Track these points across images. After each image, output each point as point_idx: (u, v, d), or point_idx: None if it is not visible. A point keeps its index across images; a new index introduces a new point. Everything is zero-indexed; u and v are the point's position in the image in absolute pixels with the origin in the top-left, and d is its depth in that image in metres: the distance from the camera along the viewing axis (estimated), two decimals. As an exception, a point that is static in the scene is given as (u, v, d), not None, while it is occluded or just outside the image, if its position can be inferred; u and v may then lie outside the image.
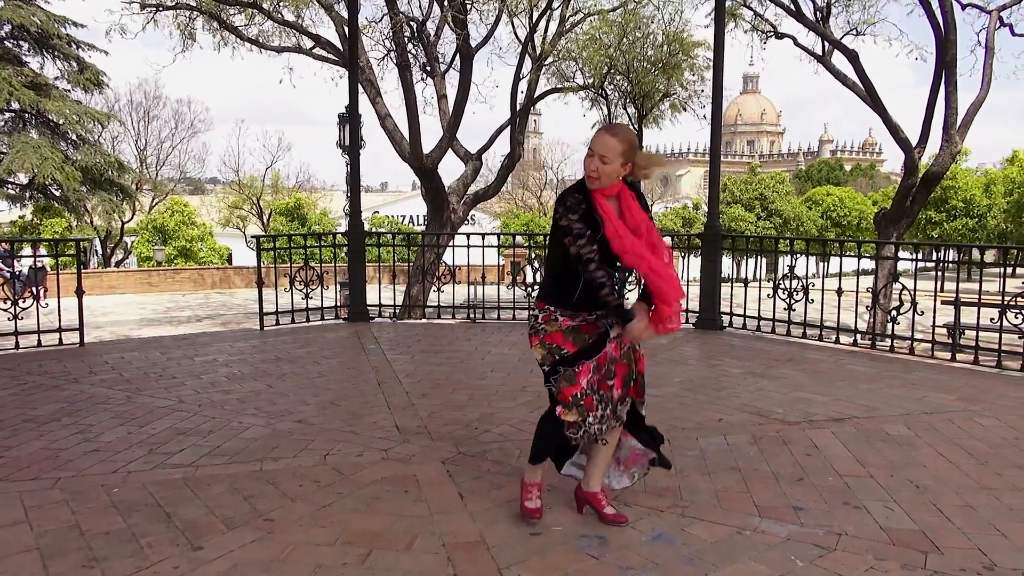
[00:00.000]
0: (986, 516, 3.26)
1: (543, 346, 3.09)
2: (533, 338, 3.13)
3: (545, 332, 3.09)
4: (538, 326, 3.12)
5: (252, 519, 3.21)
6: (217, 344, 7.23)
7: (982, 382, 5.78)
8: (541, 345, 3.09)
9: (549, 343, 3.07)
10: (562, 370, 3.02)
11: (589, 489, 3.24)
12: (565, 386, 3.02)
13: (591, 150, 2.97)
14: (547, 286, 3.16)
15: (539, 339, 3.10)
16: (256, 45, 15.86)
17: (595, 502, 3.23)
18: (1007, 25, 14.03)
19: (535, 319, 3.14)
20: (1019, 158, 38.43)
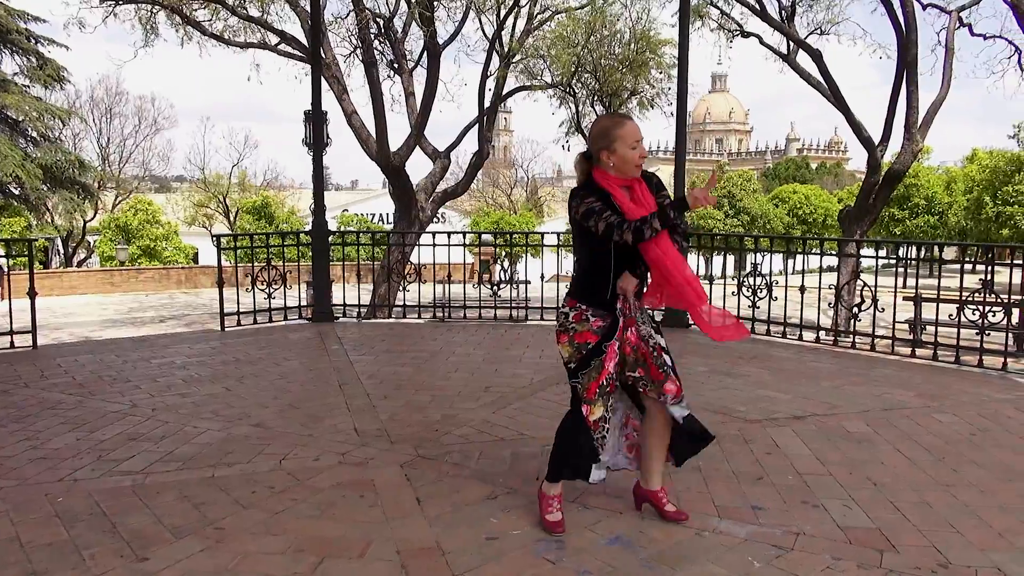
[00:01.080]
0: (942, 513, 3.27)
1: (571, 344, 3.03)
2: (561, 336, 3.06)
3: (576, 331, 3.03)
4: (568, 324, 3.05)
5: (201, 528, 3.11)
6: (176, 346, 7.08)
7: (941, 378, 5.85)
8: (569, 343, 3.03)
9: (579, 342, 3.02)
10: (592, 363, 2.98)
11: (650, 487, 3.17)
12: (592, 380, 2.98)
13: (636, 141, 2.93)
14: (577, 284, 3.09)
15: (568, 337, 3.04)
16: (220, 41, 15.58)
17: (656, 500, 3.17)
18: (966, 25, 14.31)
19: (564, 317, 3.06)
20: (979, 157, 39.21)
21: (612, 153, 2.94)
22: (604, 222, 2.89)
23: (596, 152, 2.99)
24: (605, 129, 2.98)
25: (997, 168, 35.09)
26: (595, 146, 3.00)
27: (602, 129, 3.00)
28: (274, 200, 40.12)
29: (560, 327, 3.09)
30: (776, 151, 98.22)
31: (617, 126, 2.96)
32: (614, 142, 2.93)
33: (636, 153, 2.93)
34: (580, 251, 3.10)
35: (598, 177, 2.99)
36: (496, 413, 4.73)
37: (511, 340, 7.23)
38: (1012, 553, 2.92)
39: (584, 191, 2.97)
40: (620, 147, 2.93)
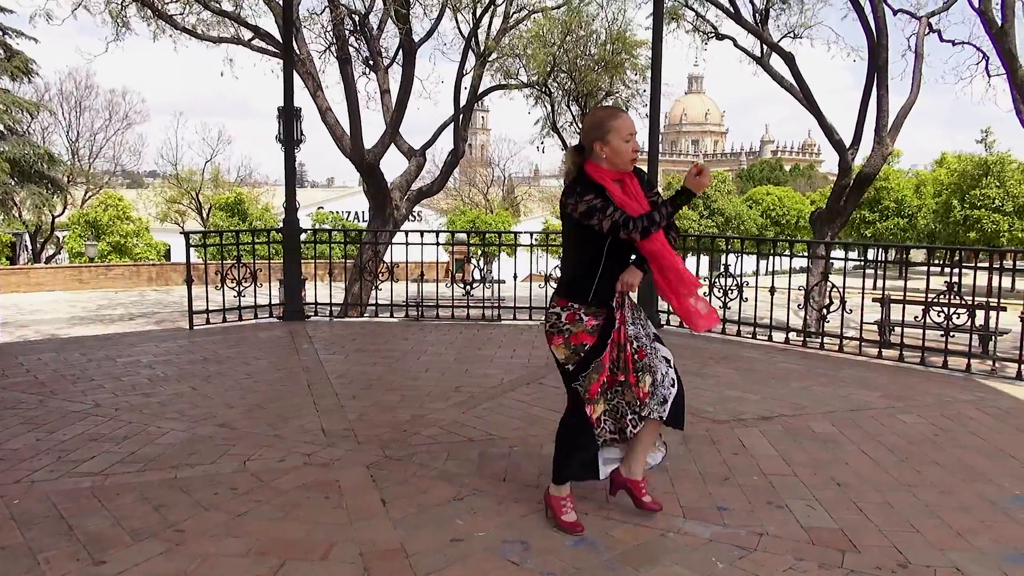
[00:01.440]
0: (903, 514, 3.31)
1: (567, 346, 2.98)
2: (555, 337, 3.00)
3: (571, 332, 2.98)
4: (561, 326, 2.98)
5: (161, 530, 3.06)
6: (142, 344, 6.97)
7: (906, 379, 5.92)
8: (565, 345, 2.98)
9: (575, 344, 2.97)
10: (593, 363, 2.96)
11: (632, 476, 3.15)
12: (593, 381, 2.96)
13: (630, 134, 2.91)
14: (568, 283, 3.03)
15: (563, 339, 2.98)
16: (192, 35, 15.37)
17: (635, 489, 3.16)
18: (936, 31, 14.49)
19: (556, 318, 2.99)
20: (947, 160, 39.87)
21: (606, 144, 2.90)
22: (609, 220, 2.84)
23: (589, 143, 2.94)
24: (600, 120, 2.95)
25: (965, 172, 35.71)
26: (588, 137, 2.95)
27: (597, 120, 2.97)
28: (248, 197, 39.68)
29: (552, 328, 3.02)
30: (751, 153, 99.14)
31: (612, 117, 2.94)
32: (608, 133, 2.90)
33: (630, 146, 2.90)
34: (572, 249, 3.03)
35: (590, 170, 2.93)
36: (465, 413, 4.71)
37: (483, 340, 7.22)
38: (970, 553, 2.96)
39: (581, 188, 2.90)
40: (614, 139, 2.90)
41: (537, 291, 8.57)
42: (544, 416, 4.67)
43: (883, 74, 13.49)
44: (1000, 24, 11.43)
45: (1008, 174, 34.37)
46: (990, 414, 4.90)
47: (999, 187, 34.20)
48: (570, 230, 2.98)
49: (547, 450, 4.02)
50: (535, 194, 57.77)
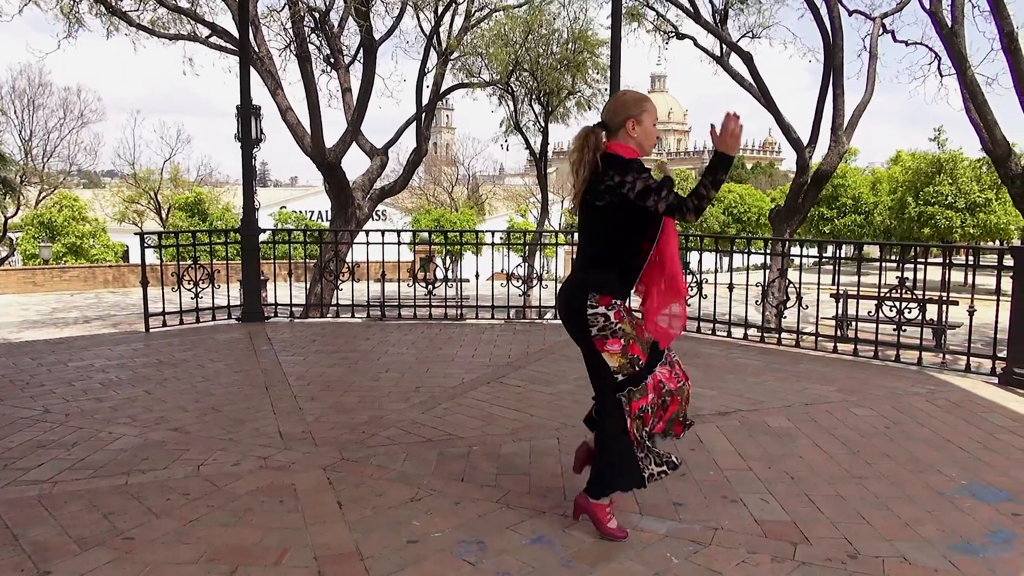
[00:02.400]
0: (854, 505, 3.38)
1: (624, 355, 2.82)
2: (611, 341, 2.81)
3: (626, 336, 2.83)
4: (613, 327, 2.81)
5: (109, 538, 2.99)
6: (95, 348, 6.81)
7: (860, 373, 6.04)
8: (622, 353, 2.82)
9: (633, 354, 2.84)
10: (643, 383, 2.86)
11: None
12: (636, 399, 2.85)
13: (656, 116, 2.87)
14: (606, 274, 2.84)
15: (620, 344, 2.82)
16: (148, 32, 15.07)
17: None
18: (889, 32, 14.82)
19: (605, 319, 2.80)
20: (902, 158, 40.76)
21: (639, 123, 2.84)
22: (664, 201, 2.69)
23: (622, 120, 2.85)
24: (636, 99, 2.90)
25: (919, 170, 36.56)
26: (621, 114, 2.86)
27: (632, 98, 2.90)
28: (208, 197, 39.10)
29: (603, 331, 2.81)
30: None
31: (645, 100, 2.90)
32: (644, 112, 2.85)
33: (656, 130, 2.88)
34: (609, 238, 2.83)
35: (621, 151, 2.82)
36: (425, 413, 4.69)
37: (445, 339, 7.19)
38: (917, 542, 3.03)
39: (636, 166, 2.76)
40: (647, 120, 2.86)
41: (500, 290, 8.58)
42: (503, 415, 4.67)
43: (839, 73, 13.75)
44: (950, 25, 11.69)
45: (960, 172, 35.28)
46: (940, 406, 5.02)
47: (951, 184, 35.08)
48: (608, 217, 2.80)
49: (506, 449, 4.04)
50: (500, 193, 57.79)
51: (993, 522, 3.22)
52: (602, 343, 2.84)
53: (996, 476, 3.75)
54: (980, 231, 35.08)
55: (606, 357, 2.84)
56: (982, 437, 4.36)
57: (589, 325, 2.83)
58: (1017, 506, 3.39)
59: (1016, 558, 2.92)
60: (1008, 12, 10.59)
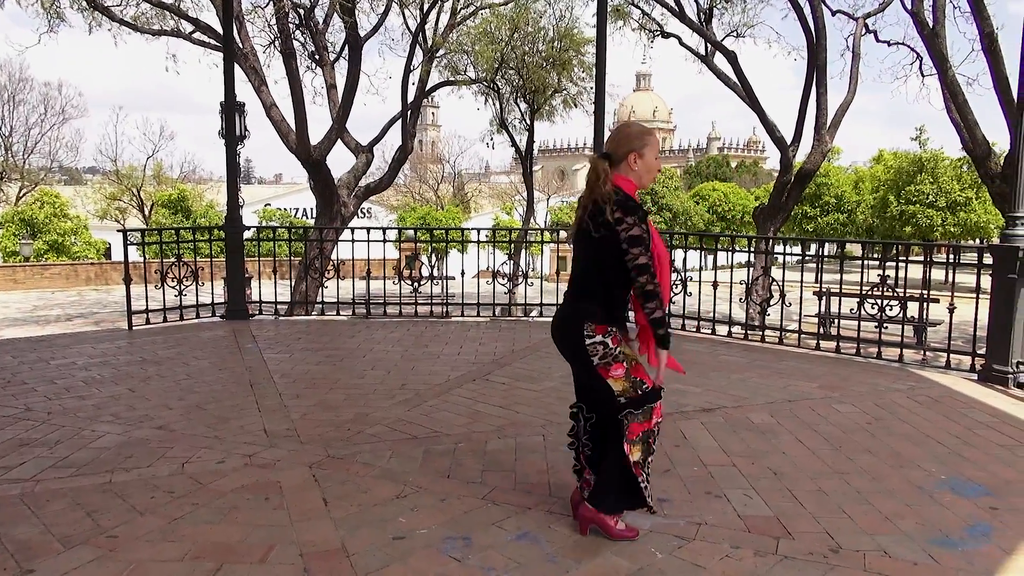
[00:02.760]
0: (836, 500, 3.42)
1: (628, 379, 2.87)
2: (615, 367, 2.85)
3: (627, 359, 2.87)
4: (615, 353, 2.85)
5: (93, 536, 2.98)
6: (78, 346, 6.76)
7: (843, 369, 6.10)
8: (626, 377, 2.86)
9: (636, 377, 2.87)
10: (646, 407, 2.88)
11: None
12: (639, 422, 2.87)
13: (658, 149, 2.89)
14: (598, 304, 2.86)
15: (624, 368, 2.86)
16: (131, 27, 14.92)
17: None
18: (872, 32, 14.93)
19: (604, 347, 2.84)
20: (884, 158, 41.11)
21: (641, 157, 2.86)
22: (645, 258, 2.73)
23: (624, 153, 2.86)
24: (640, 132, 2.90)
25: (901, 169, 36.86)
26: (624, 147, 2.87)
27: (635, 131, 2.91)
28: (191, 193, 38.78)
29: (604, 359, 2.85)
30: (698, 149, 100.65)
31: (649, 133, 2.91)
32: (646, 147, 2.87)
33: (658, 163, 2.90)
34: (606, 268, 2.83)
35: (622, 184, 2.83)
36: (410, 411, 4.69)
37: (431, 337, 7.19)
38: (897, 536, 3.07)
39: (639, 211, 2.77)
40: (649, 153, 2.87)
41: (485, 288, 8.58)
42: (489, 412, 4.68)
43: (822, 73, 13.85)
44: (931, 26, 11.81)
45: (941, 171, 35.60)
46: (920, 402, 5.09)
47: (933, 183, 35.40)
48: (604, 250, 2.81)
49: (491, 446, 4.06)
50: (485, 191, 57.77)
51: (972, 516, 3.28)
52: (606, 371, 2.87)
53: (975, 471, 3.80)
54: (961, 230, 35.44)
55: (611, 383, 2.88)
56: (961, 433, 4.42)
57: (590, 355, 2.87)
58: (995, 500, 3.44)
59: (994, 551, 2.97)
60: (988, 13, 10.72)
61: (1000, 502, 3.42)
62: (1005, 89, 10.32)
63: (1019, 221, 5.58)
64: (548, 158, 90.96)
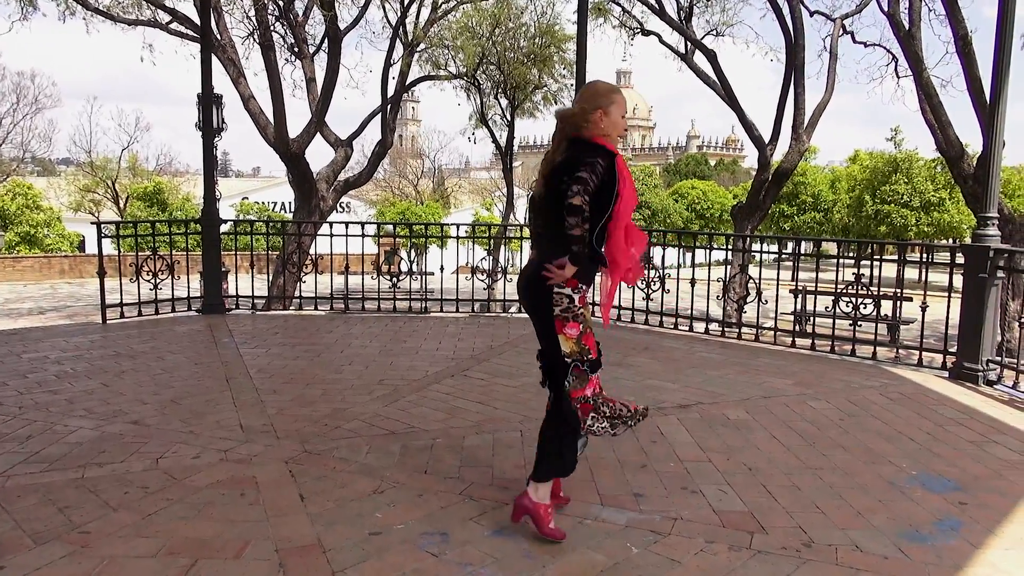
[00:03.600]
0: (809, 495, 3.46)
1: (578, 343, 2.85)
2: (570, 324, 2.83)
3: (585, 324, 2.86)
4: (576, 311, 2.84)
5: (65, 532, 2.94)
6: (50, 339, 6.67)
7: (817, 366, 6.17)
8: (576, 341, 2.85)
9: (586, 345, 2.87)
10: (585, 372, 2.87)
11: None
12: (577, 388, 2.88)
13: (626, 109, 2.91)
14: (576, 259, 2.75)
15: (578, 329, 2.84)
16: (105, 16, 14.70)
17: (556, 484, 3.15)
18: (849, 32, 15.08)
19: (569, 301, 2.82)
20: (860, 157, 41.57)
21: (607, 114, 2.88)
22: (580, 197, 2.65)
23: (589, 110, 2.87)
24: (605, 90, 2.94)
25: (876, 168, 37.30)
26: (589, 104, 2.88)
27: (600, 89, 2.94)
28: (168, 186, 38.33)
29: (565, 313, 2.83)
30: (678, 147, 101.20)
31: (614, 91, 2.94)
32: (612, 104, 2.89)
33: (624, 122, 2.93)
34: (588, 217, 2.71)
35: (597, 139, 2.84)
36: (388, 406, 4.68)
37: (409, 332, 7.17)
38: (868, 530, 3.12)
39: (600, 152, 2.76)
40: (615, 111, 2.90)
41: (464, 283, 8.57)
42: (467, 408, 4.68)
43: (800, 73, 13.97)
44: (907, 28, 11.95)
45: (915, 171, 36.08)
46: (893, 399, 5.16)
47: (907, 183, 35.88)
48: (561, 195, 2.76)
49: (469, 442, 4.06)
50: (466, 186, 57.64)
51: (941, 510, 3.33)
52: (562, 324, 2.86)
53: (945, 466, 3.87)
54: (934, 229, 35.95)
55: (561, 340, 2.87)
56: (932, 429, 4.49)
57: (553, 304, 2.85)
58: (964, 495, 3.51)
59: (962, 545, 3.02)
60: (962, 16, 10.86)
61: (969, 497, 3.49)
62: (978, 91, 10.47)
63: (990, 221, 5.67)
64: (529, 154, 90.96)
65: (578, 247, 2.71)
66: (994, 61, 5.53)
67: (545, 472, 2.96)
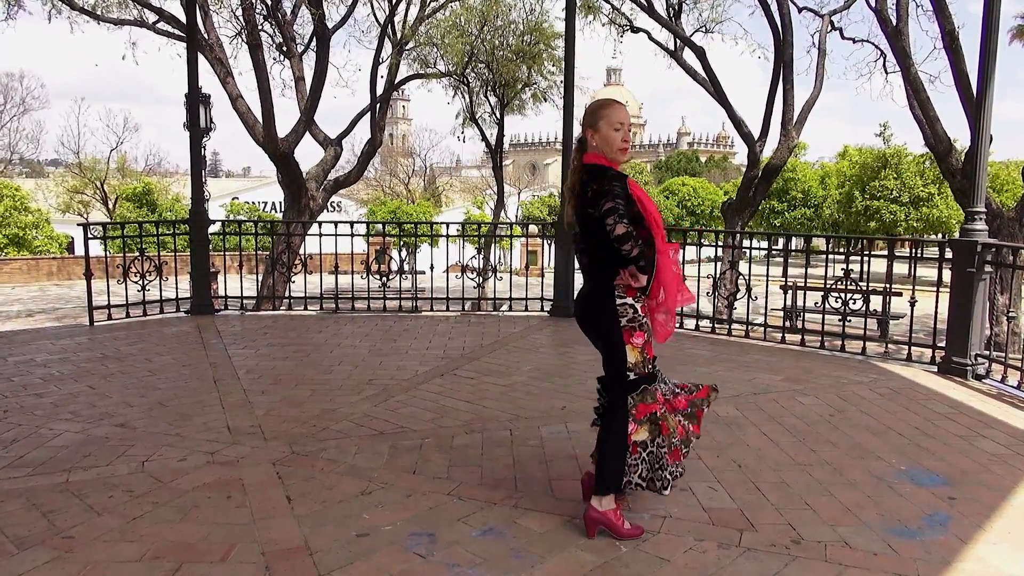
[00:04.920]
0: (798, 492, 3.46)
1: (643, 353, 2.89)
2: (637, 333, 2.87)
3: (648, 331, 2.89)
4: (640, 319, 2.88)
5: (49, 537, 2.91)
6: (37, 342, 6.62)
7: (807, 362, 6.18)
8: (642, 350, 2.89)
9: (648, 356, 2.91)
10: (650, 386, 2.91)
11: None
12: (648, 401, 2.90)
13: (620, 123, 2.88)
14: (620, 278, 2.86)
15: (643, 339, 2.88)
16: (92, 16, 14.59)
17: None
18: (837, 28, 15.11)
19: (633, 311, 2.86)
20: (849, 153, 41.74)
21: (596, 132, 2.90)
22: (622, 225, 2.71)
23: (584, 132, 2.94)
24: (592, 109, 2.96)
25: (866, 164, 37.47)
26: (583, 124, 2.95)
27: (591, 108, 2.97)
28: (157, 187, 38.16)
29: (632, 322, 2.86)
30: (668, 144, 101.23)
31: (604, 107, 2.94)
32: (599, 120, 2.90)
33: (619, 135, 2.90)
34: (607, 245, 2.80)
35: (594, 160, 2.88)
36: (377, 406, 4.66)
37: (399, 332, 7.15)
38: (857, 526, 3.11)
39: (609, 175, 2.80)
40: (604, 127, 2.89)
41: (456, 282, 8.55)
42: (456, 407, 4.67)
43: (788, 69, 13.99)
44: (895, 24, 11.99)
45: (904, 166, 36.26)
46: (882, 394, 5.17)
47: (896, 179, 36.04)
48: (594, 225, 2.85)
49: (458, 441, 4.04)
50: (457, 184, 57.60)
51: (930, 506, 3.33)
52: (629, 334, 2.89)
53: (933, 461, 3.87)
54: (923, 224, 36.15)
55: (629, 350, 2.89)
56: (921, 424, 4.50)
57: (619, 315, 2.88)
58: (952, 490, 3.51)
59: (951, 540, 3.02)
60: (950, 12, 10.91)
61: (957, 492, 3.49)
62: (966, 86, 10.52)
63: (977, 216, 5.69)
64: (520, 152, 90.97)
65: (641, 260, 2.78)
66: (980, 56, 5.53)
67: (604, 487, 2.96)
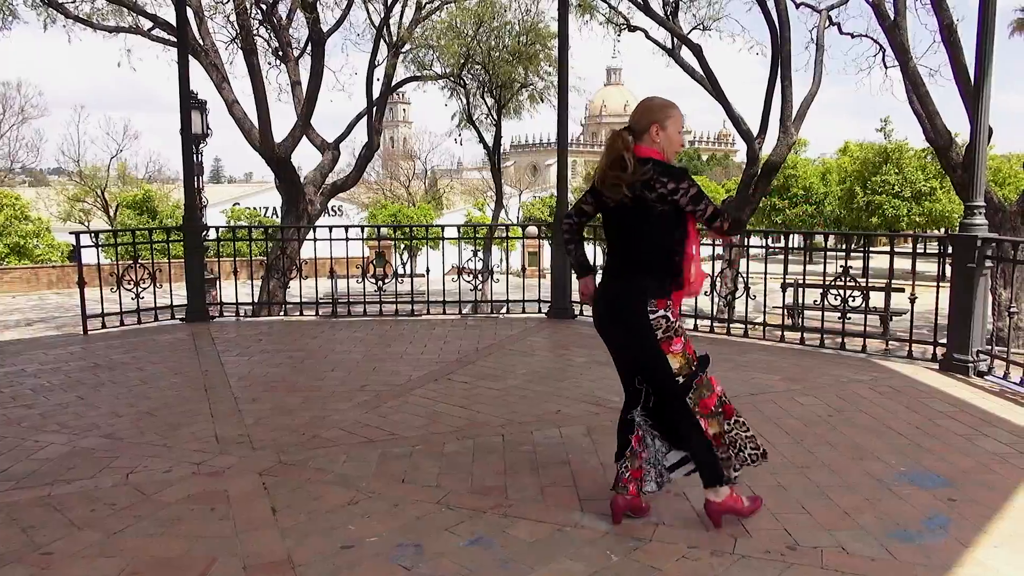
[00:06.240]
0: (795, 495, 3.38)
1: (684, 356, 2.91)
2: (675, 341, 2.89)
3: (684, 334, 2.91)
4: (674, 326, 2.90)
5: (27, 553, 2.85)
6: (29, 352, 6.56)
7: (807, 361, 6.10)
8: (683, 353, 2.90)
9: (689, 354, 2.92)
10: (704, 379, 2.93)
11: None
12: (705, 396, 2.92)
13: (682, 128, 2.94)
14: (657, 278, 2.89)
15: (682, 343, 2.90)
16: (87, 24, 14.57)
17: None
18: (835, 24, 15.02)
19: (666, 321, 2.88)
20: (850, 148, 41.57)
21: (663, 129, 2.89)
22: (712, 205, 2.84)
23: (646, 125, 2.90)
24: (662, 104, 2.94)
25: (867, 160, 37.33)
26: (647, 119, 2.91)
27: (658, 104, 2.95)
28: (158, 194, 38.15)
29: (667, 333, 2.89)
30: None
31: (672, 107, 2.94)
32: (667, 120, 2.90)
33: (681, 138, 2.95)
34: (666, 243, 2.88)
35: (648, 153, 2.87)
36: (368, 413, 4.59)
37: (395, 336, 7.08)
38: (855, 531, 3.04)
39: (688, 175, 2.84)
40: (671, 127, 2.90)
41: (453, 284, 8.48)
42: (449, 413, 4.60)
43: (787, 65, 13.89)
44: (893, 18, 11.90)
45: (906, 161, 36.11)
46: (882, 393, 5.08)
47: (898, 174, 35.89)
48: (665, 223, 2.86)
49: (449, 448, 3.97)
50: (457, 187, 57.56)
51: (930, 508, 3.25)
52: (668, 344, 2.89)
53: (934, 462, 3.79)
54: (926, 219, 35.98)
55: (671, 359, 2.90)
56: (922, 423, 4.42)
57: (654, 330, 2.89)
58: (953, 491, 3.43)
59: (951, 543, 2.95)
60: (948, 5, 10.82)
61: (958, 493, 3.41)
62: (965, 80, 10.42)
63: (977, 211, 5.60)
64: (520, 153, 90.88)
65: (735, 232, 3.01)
66: (977, 49, 5.45)
67: (710, 479, 2.98)
